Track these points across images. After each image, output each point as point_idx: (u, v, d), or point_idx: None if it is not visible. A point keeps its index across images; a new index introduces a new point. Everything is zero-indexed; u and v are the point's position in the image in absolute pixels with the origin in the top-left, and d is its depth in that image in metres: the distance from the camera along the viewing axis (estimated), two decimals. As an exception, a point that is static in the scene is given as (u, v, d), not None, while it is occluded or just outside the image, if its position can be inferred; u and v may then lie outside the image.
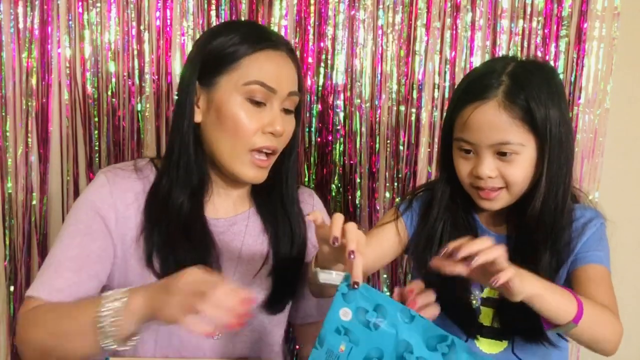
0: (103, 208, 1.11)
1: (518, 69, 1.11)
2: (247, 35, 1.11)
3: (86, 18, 1.55)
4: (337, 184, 1.65)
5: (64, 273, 1.07)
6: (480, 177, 1.11)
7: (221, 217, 1.18)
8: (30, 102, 1.56)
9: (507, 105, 1.07)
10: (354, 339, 0.87)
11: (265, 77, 1.09)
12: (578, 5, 1.60)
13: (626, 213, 1.66)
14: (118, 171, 1.15)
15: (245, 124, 1.09)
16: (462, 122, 1.11)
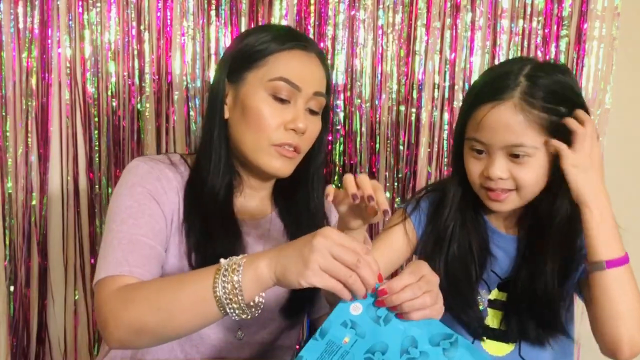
0: (155, 190, 1.09)
1: (535, 71, 1.09)
2: (277, 35, 1.13)
3: (86, 18, 1.55)
4: (337, 184, 1.65)
5: (141, 250, 1.03)
6: (491, 178, 1.10)
7: (247, 219, 1.18)
8: (30, 102, 1.56)
9: (523, 107, 1.06)
10: (361, 332, 0.87)
11: (290, 74, 1.10)
12: (578, 5, 1.60)
13: (626, 213, 1.65)
14: (156, 161, 1.14)
15: (268, 119, 1.10)
16: (476, 122, 1.10)
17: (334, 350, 0.86)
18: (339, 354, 0.86)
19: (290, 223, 1.21)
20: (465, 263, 1.19)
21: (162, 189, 1.10)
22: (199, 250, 1.09)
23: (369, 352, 0.86)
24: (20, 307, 1.60)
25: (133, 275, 1.00)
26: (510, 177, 1.10)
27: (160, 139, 1.60)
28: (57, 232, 1.61)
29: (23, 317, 1.61)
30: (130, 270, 1.00)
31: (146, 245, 1.04)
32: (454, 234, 1.20)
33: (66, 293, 1.64)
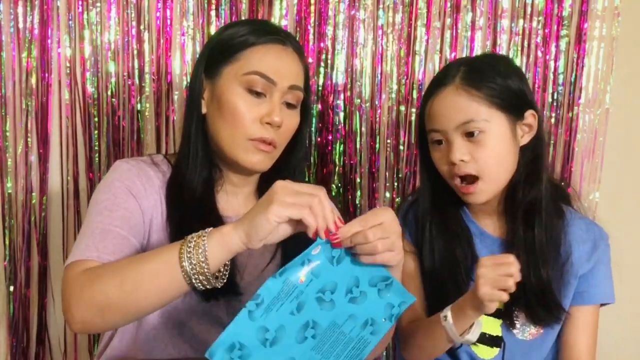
0: (134, 187, 1.10)
1: (472, 59, 1.21)
2: (254, 29, 1.14)
3: (86, 18, 1.55)
4: (337, 184, 1.65)
5: (114, 239, 1.03)
6: (453, 162, 1.14)
7: (231, 215, 1.18)
8: (30, 102, 1.56)
9: (464, 86, 1.13)
10: (316, 272, 0.90)
11: (265, 68, 1.10)
12: (578, 5, 1.60)
13: (626, 213, 1.66)
14: (138, 161, 1.16)
15: (243, 113, 1.10)
16: (428, 113, 1.18)
17: (290, 290, 0.89)
18: (294, 294, 0.90)
19: None
20: (451, 267, 1.20)
21: (141, 185, 1.10)
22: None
23: (320, 292, 0.91)
24: (20, 307, 1.60)
25: (101, 260, 0.99)
26: (472, 159, 1.13)
27: (160, 139, 1.60)
28: (57, 232, 1.61)
29: (23, 317, 1.61)
30: (98, 256, 1.00)
31: (118, 235, 1.04)
32: (436, 237, 1.22)
33: (66, 293, 1.63)
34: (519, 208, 1.18)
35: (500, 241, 1.22)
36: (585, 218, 1.27)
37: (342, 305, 0.92)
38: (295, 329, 0.90)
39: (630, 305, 1.64)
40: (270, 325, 0.89)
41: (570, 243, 1.20)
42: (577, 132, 1.62)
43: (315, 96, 1.61)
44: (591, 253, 1.22)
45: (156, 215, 1.12)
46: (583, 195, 1.64)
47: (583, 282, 1.21)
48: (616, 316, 1.58)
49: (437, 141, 1.17)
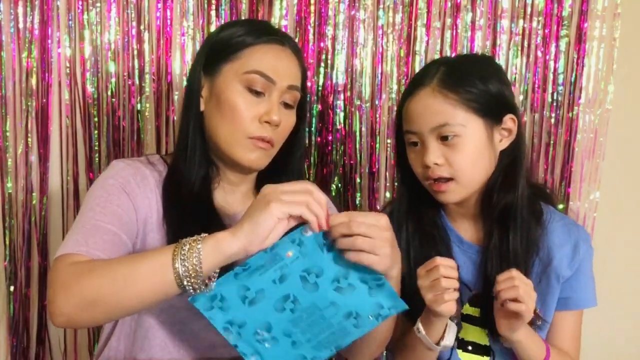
0: (128, 186, 1.10)
1: (453, 59, 1.18)
2: (253, 28, 1.15)
3: (86, 18, 1.55)
4: (337, 184, 1.65)
5: (104, 235, 1.03)
6: (427, 164, 1.13)
7: (229, 213, 1.19)
8: (30, 102, 1.56)
9: (441, 88, 1.12)
10: (304, 252, 0.94)
11: (265, 67, 1.11)
12: (578, 5, 1.60)
13: (626, 213, 1.66)
14: (134, 161, 1.16)
15: (242, 111, 1.11)
16: (405, 114, 1.17)
17: (277, 260, 0.94)
18: (279, 265, 0.94)
19: None
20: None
21: (135, 184, 1.11)
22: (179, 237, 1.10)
23: (305, 272, 0.95)
24: (20, 307, 1.60)
25: (90, 255, 0.99)
26: (446, 163, 1.12)
27: (160, 139, 1.60)
28: (57, 232, 1.61)
29: (23, 317, 1.61)
30: (87, 251, 0.99)
31: (109, 232, 1.03)
32: (412, 240, 1.21)
33: (66, 293, 1.63)
34: (493, 212, 1.17)
35: (477, 248, 1.21)
36: (566, 218, 1.25)
37: (325, 290, 0.95)
38: (275, 297, 0.95)
39: (630, 305, 1.64)
40: (252, 286, 0.95)
41: (550, 247, 1.18)
42: (577, 132, 1.62)
43: (315, 96, 1.61)
44: (572, 256, 1.19)
45: (151, 215, 1.12)
46: (583, 195, 1.64)
47: (567, 288, 1.20)
48: (614, 316, 1.58)
49: (412, 142, 1.17)
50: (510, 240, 1.15)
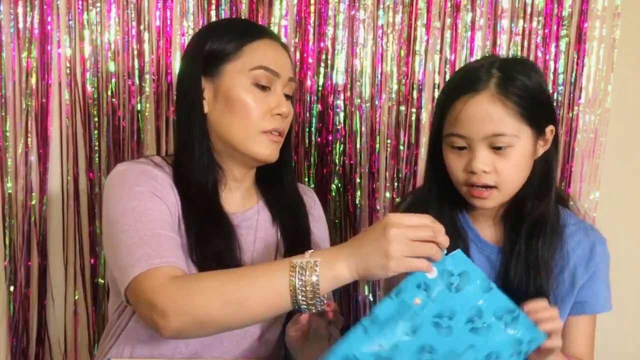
0: (156, 190, 1.09)
1: (505, 63, 1.12)
2: (243, 28, 1.18)
3: (86, 18, 1.55)
4: (337, 184, 1.65)
5: (167, 242, 1.03)
6: (474, 171, 1.10)
7: (234, 212, 1.20)
8: (30, 102, 1.56)
9: (499, 95, 1.07)
10: (432, 296, 0.91)
11: (268, 62, 1.15)
12: (578, 5, 1.60)
13: (626, 213, 1.66)
14: (143, 164, 1.14)
15: (254, 107, 1.13)
16: (454, 117, 1.10)
17: (405, 310, 0.90)
18: (409, 315, 0.90)
19: (277, 210, 1.25)
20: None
21: (159, 186, 1.11)
22: (198, 248, 1.11)
23: (437, 317, 0.91)
24: (20, 307, 1.60)
25: (172, 265, 1.00)
26: (493, 171, 1.10)
27: (160, 139, 1.60)
28: (57, 232, 1.61)
29: (23, 317, 1.61)
30: (167, 261, 1.00)
31: (169, 238, 1.05)
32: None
33: (66, 293, 1.63)
34: (524, 220, 1.15)
35: (497, 249, 1.20)
36: (583, 222, 1.24)
37: (461, 333, 0.91)
38: (410, 351, 0.91)
39: (630, 306, 1.64)
40: (385, 343, 0.91)
41: (568, 252, 1.18)
42: (577, 132, 1.62)
43: (315, 96, 1.61)
44: (588, 260, 1.19)
45: (176, 211, 1.13)
46: (583, 195, 1.64)
47: (582, 293, 1.19)
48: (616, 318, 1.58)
49: (457, 147, 1.12)
50: (539, 247, 1.14)
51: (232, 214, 1.19)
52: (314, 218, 1.31)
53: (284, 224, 1.24)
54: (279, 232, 1.24)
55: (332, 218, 1.65)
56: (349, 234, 1.66)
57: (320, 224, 1.33)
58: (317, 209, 1.34)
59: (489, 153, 1.09)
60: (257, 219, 1.23)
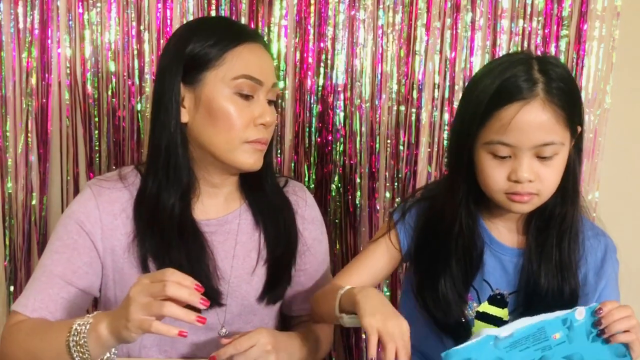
0: (88, 222, 1.12)
1: (544, 66, 1.06)
2: (225, 31, 1.12)
3: (86, 18, 1.55)
4: (337, 184, 1.65)
5: (51, 289, 1.10)
6: (520, 181, 1.06)
7: (212, 218, 1.18)
8: (30, 102, 1.56)
9: (550, 103, 1.03)
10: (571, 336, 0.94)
11: (251, 70, 1.10)
12: (578, 5, 1.60)
13: (626, 213, 1.66)
14: (103, 183, 1.15)
15: (238, 118, 1.09)
16: (501, 125, 1.04)
17: (541, 339, 0.91)
18: (542, 345, 0.92)
19: (261, 213, 1.21)
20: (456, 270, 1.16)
21: (97, 217, 1.12)
22: (155, 262, 1.12)
23: (566, 358, 0.93)
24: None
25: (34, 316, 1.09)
26: (537, 179, 1.06)
27: (160, 139, 1.60)
28: (57, 232, 1.61)
29: (23, 317, 1.61)
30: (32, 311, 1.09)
31: (56, 285, 1.10)
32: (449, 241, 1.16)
33: (66, 293, 1.63)
34: (553, 223, 1.14)
35: (518, 252, 1.18)
36: (596, 227, 1.23)
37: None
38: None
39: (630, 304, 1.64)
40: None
41: (585, 257, 1.17)
42: (577, 132, 1.62)
43: (315, 96, 1.62)
44: (600, 266, 1.19)
45: (119, 241, 1.13)
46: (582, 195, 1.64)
47: (591, 298, 1.18)
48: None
49: (500, 156, 1.06)
50: (569, 250, 1.14)
51: (208, 220, 1.17)
52: (304, 219, 1.25)
53: (266, 227, 1.20)
54: (262, 236, 1.20)
55: (332, 218, 1.66)
56: (349, 234, 1.67)
57: (311, 225, 1.27)
58: (308, 210, 1.27)
59: (533, 160, 1.06)
60: (238, 223, 1.20)
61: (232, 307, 1.17)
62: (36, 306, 1.09)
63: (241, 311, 1.18)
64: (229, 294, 1.16)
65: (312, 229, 1.27)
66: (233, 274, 1.17)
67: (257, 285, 1.19)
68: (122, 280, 1.13)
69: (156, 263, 1.11)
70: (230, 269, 1.17)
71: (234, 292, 1.17)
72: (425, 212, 1.21)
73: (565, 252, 1.14)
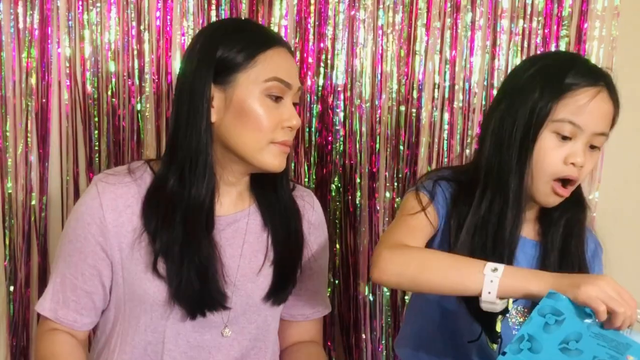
0: (94, 224, 1.12)
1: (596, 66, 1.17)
2: (255, 34, 1.15)
3: (86, 18, 1.55)
4: (337, 184, 1.65)
5: (67, 292, 1.16)
6: (577, 164, 1.08)
7: (222, 215, 1.18)
8: (30, 102, 1.56)
9: (612, 96, 1.11)
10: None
11: (281, 73, 1.13)
12: (578, 5, 1.60)
13: (626, 213, 1.66)
14: (110, 178, 1.15)
15: (267, 120, 1.11)
16: (577, 105, 1.07)
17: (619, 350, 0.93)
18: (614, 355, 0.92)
19: (270, 215, 1.22)
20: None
21: (102, 217, 1.12)
22: (166, 259, 1.12)
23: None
24: (20, 307, 1.60)
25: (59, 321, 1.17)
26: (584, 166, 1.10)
27: (160, 139, 1.60)
28: (57, 232, 1.61)
29: (23, 317, 1.61)
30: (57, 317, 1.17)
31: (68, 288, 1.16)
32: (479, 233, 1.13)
33: (66, 293, 1.63)
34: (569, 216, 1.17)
35: (535, 244, 1.19)
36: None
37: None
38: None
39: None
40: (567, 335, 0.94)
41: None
42: (577, 132, 1.62)
43: (315, 96, 1.62)
44: (592, 262, 1.21)
45: (125, 235, 1.13)
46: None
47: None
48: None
49: (562, 136, 1.08)
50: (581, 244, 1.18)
51: (219, 217, 1.17)
52: (310, 224, 1.27)
53: (275, 230, 1.21)
54: (270, 238, 1.21)
55: (332, 218, 1.65)
56: (349, 234, 1.66)
57: (317, 230, 1.29)
58: (315, 215, 1.29)
59: (587, 149, 1.10)
60: (247, 222, 1.20)
61: (236, 306, 1.17)
62: (53, 307, 1.17)
63: (245, 310, 1.19)
64: (234, 292, 1.17)
65: (318, 235, 1.29)
66: (239, 273, 1.18)
67: (263, 285, 1.20)
68: (130, 277, 1.14)
69: (166, 262, 1.12)
70: (237, 268, 1.18)
71: (239, 291, 1.17)
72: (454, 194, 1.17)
73: (582, 246, 1.17)
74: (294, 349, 1.30)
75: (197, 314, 1.13)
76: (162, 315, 1.14)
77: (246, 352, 1.20)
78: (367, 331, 1.68)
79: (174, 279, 1.11)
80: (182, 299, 1.12)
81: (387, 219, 1.65)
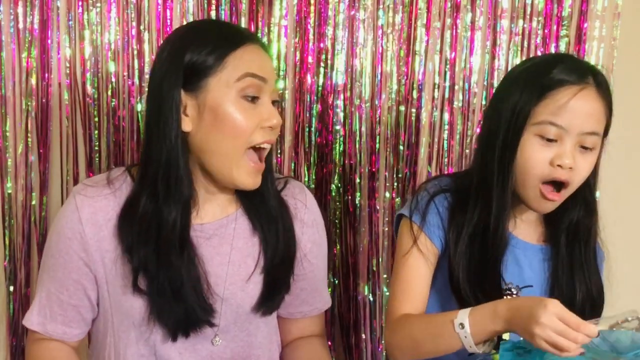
0: (74, 239, 1.11)
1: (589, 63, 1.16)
2: (222, 36, 1.10)
3: (86, 18, 1.55)
4: (337, 184, 1.65)
5: (53, 307, 1.15)
6: (562, 166, 1.05)
7: (207, 222, 1.15)
8: (30, 102, 1.56)
9: (600, 94, 1.07)
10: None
11: (254, 68, 1.07)
12: (578, 5, 1.60)
13: (626, 213, 1.66)
14: (88, 190, 1.12)
15: (245, 122, 1.06)
16: (556, 105, 1.05)
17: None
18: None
19: (258, 219, 1.18)
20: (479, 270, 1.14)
21: (81, 231, 1.11)
22: (146, 275, 1.10)
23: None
24: (20, 307, 1.60)
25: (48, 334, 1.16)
26: (575, 168, 1.07)
27: (160, 139, 1.60)
28: (57, 232, 1.61)
29: (23, 317, 1.60)
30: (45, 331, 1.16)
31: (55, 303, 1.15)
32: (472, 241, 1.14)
33: (66, 293, 1.63)
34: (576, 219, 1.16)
35: (541, 248, 1.19)
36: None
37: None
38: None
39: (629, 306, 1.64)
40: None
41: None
42: (577, 132, 1.62)
43: (315, 96, 1.61)
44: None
45: (107, 249, 1.11)
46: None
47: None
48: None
49: (547, 138, 1.06)
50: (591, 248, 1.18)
51: (202, 225, 1.14)
52: (303, 223, 1.22)
53: (264, 234, 1.17)
54: (259, 242, 1.17)
55: (332, 218, 1.65)
56: (349, 234, 1.66)
57: (311, 228, 1.24)
58: (308, 213, 1.23)
59: (576, 150, 1.07)
60: (234, 227, 1.16)
61: (226, 314, 1.15)
62: (48, 328, 1.15)
63: (236, 319, 1.16)
64: (224, 301, 1.14)
65: (311, 233, 1.24)
66: (228, 281, 1.15)
67: (253, 293, 1.17)
68: (115, 292, 1.12)
69: (147, 278, 1.09)
70: (225, 275, 1.15)
71: (229, 300, 1.15)
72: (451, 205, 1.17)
73: (593, 250, 1.17)
74: (294, 346, 1.28)
75: (179, 334, 1.11)
76: (149, 329, 1.12)
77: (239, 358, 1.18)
78: (367, 331, 1.68)
79: (154, 297, 1.09)
80: (162, 320, 1.10)
81: (387, 219, 1.65)
